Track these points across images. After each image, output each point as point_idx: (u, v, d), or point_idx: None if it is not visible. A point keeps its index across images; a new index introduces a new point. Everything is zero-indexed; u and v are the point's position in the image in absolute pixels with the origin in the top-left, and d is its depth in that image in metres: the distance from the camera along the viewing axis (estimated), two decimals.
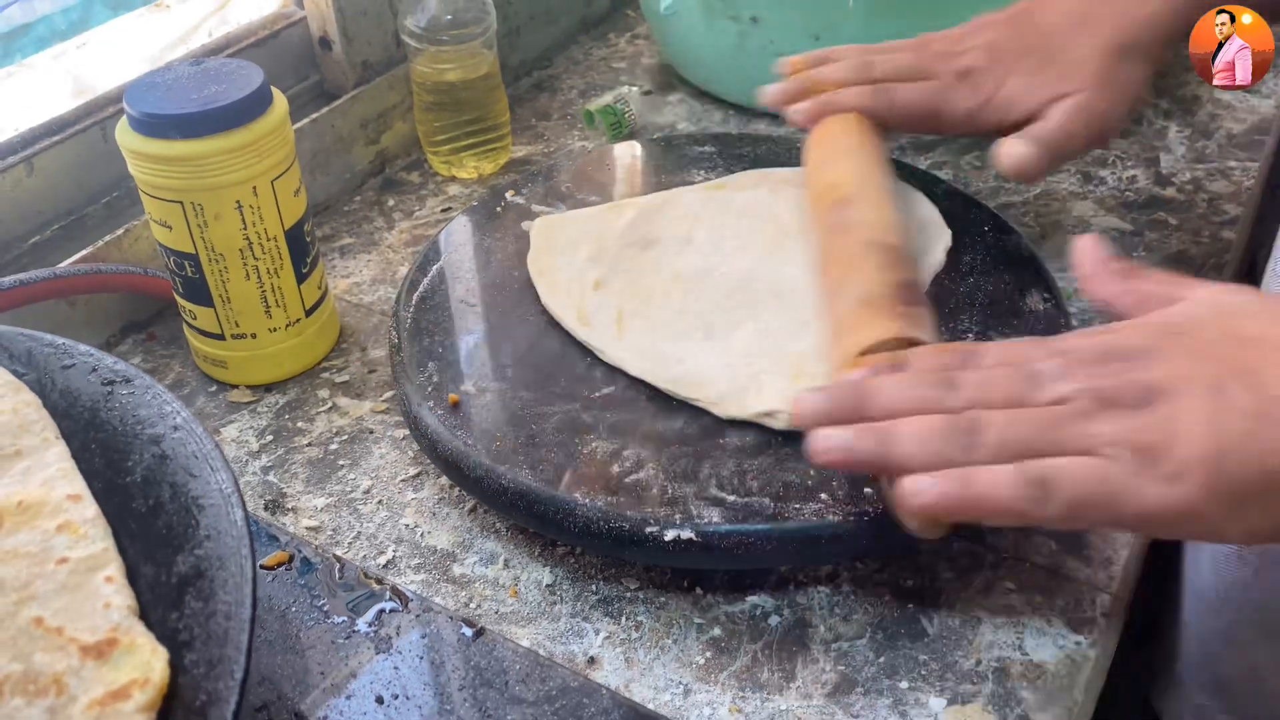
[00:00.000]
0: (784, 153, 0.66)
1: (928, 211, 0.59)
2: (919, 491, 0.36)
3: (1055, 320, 0.52)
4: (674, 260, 0.56)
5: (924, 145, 0.72)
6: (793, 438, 0.46)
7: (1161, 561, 0.55)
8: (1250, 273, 0.77)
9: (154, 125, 0.49)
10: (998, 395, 0.38)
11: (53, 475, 0.34)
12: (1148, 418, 0.35)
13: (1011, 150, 0.55)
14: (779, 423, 0.46)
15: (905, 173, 0.63)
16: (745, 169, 0.65)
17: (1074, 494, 0.35)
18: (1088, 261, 0.43)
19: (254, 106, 0.50)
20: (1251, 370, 0.35)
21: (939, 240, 0.57)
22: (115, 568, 0.31)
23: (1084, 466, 0.35)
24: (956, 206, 0.60)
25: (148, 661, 0.28)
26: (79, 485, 0.34)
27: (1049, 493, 0.35)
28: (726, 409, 0.47)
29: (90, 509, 0.33)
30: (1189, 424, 0.34)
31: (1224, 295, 0.39)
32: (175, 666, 0.29)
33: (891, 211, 0.52)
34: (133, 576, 0.32)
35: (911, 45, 0.59)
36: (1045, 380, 0.37)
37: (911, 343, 0.43)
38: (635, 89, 0.79)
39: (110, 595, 0.30)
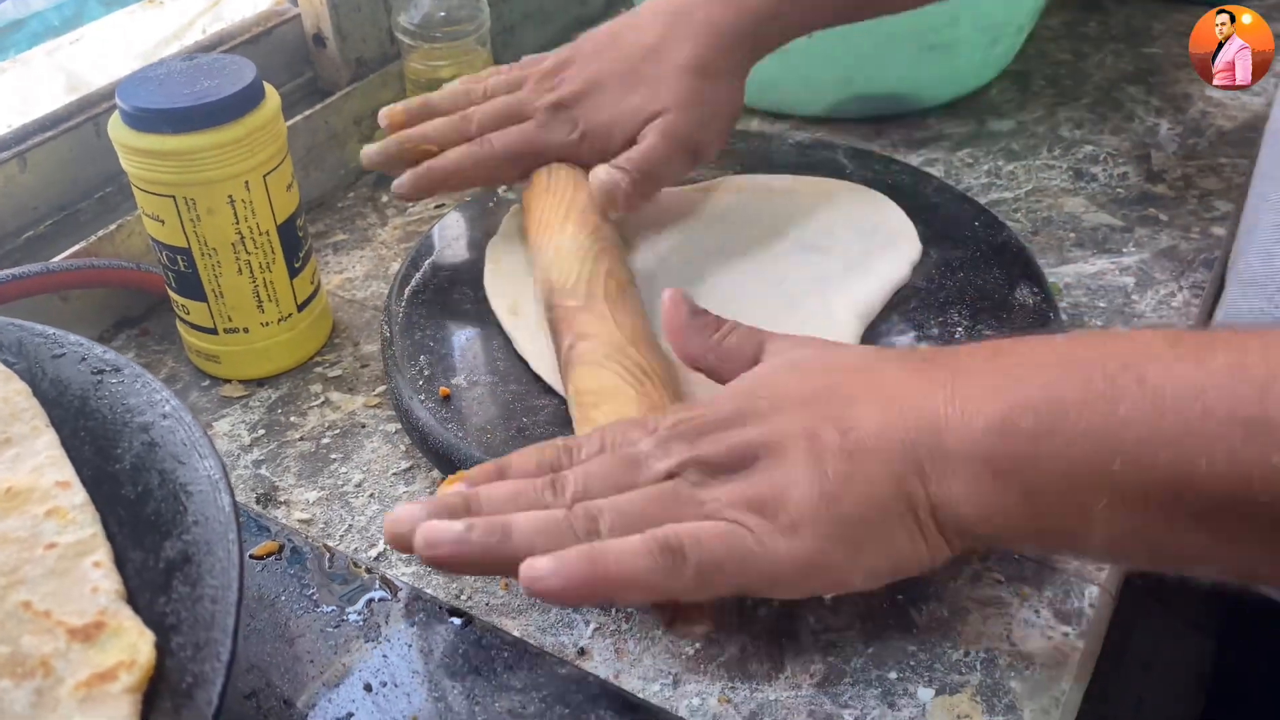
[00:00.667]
0: (777, 149, 0.67)
1: (898, 223, 0.58)
2: (542, 575, 0.33)
3: (1044, 315, 0.52)
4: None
5: (915, 142, 0.73)
6: None
7: None
8: None
9: (146, 120, 0.49)
10: (604, 485, 0.36)
11: (42, 462, 0.34)
12: (756, 478, 0.35)
13: (596, 177, 0.53)
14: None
15: (896, 168, 0.64)
16: (735, 166, 0.65)
17: (706, 560, 0.34)
18: (672, 319, 0.43)
19: (246, 101, 0.50)
20: (834, 414, 0.35)
21: (905, 254, 0.56)
22: (103, 553, 0.31)
23: (712, 531, 0.34)
24: (947, 202, 0.61)
25: (134, 644, 0.28)
26: (68, 472, 0.34)
27: (681, 560, 0.34)
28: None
29: (79, 495, 0.33)
30: (796, 477, 0.35)
31: (793, 351, 0.40)
32: (162, 649, 0.29)
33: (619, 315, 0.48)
34: (121, 562, 0.32)
35: (513, 82, 0.57)
36: (646, 461, 0.37)
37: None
38: None
39: (98, 580, 0.30)
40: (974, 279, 0.55)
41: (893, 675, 0.41)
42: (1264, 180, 0.52)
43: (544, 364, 0.50)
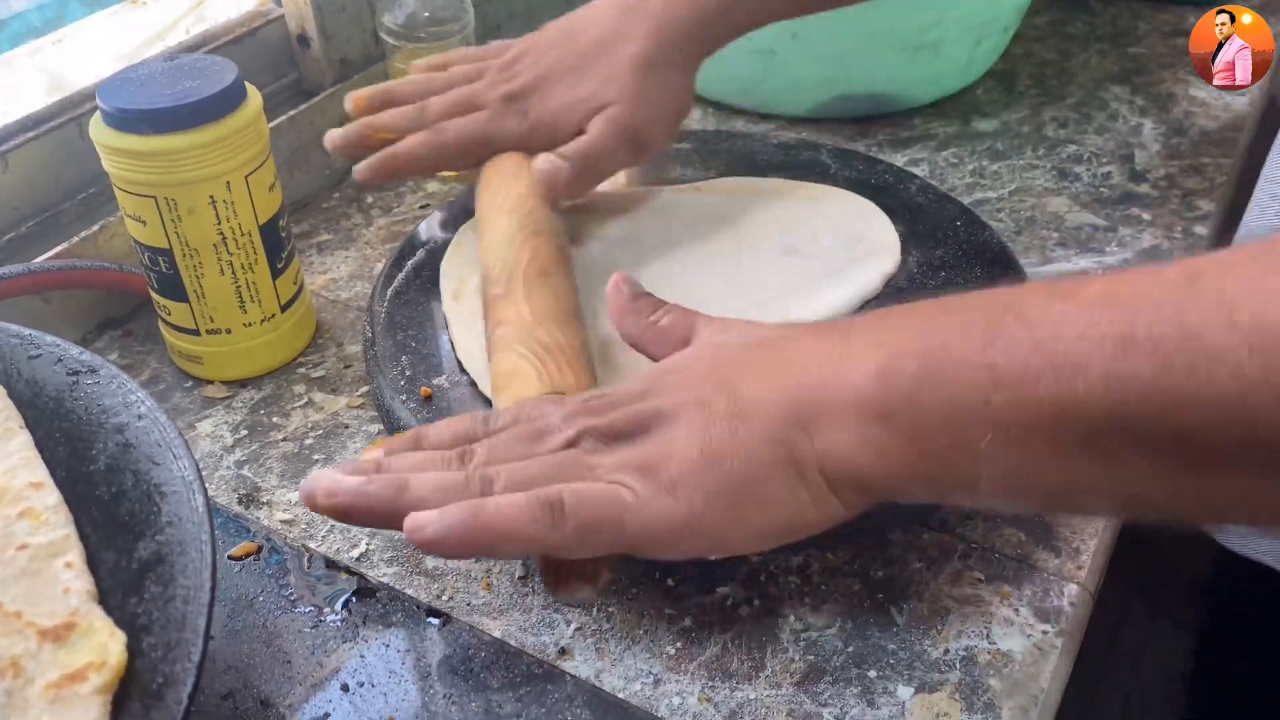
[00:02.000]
0: (761, 150, 0.67)
1: (881, 232, 0.58)
2: (423, 524, 0.34)
3: None
4: (583, 253, 0.56)
5: (900, 142, 0.73)
6: None
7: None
8: None
9: (127, 120, 0.49)
10: (508, 455, 0.38)
11: (15, 463, 0.34)
12: (646, 443, 0.36)
13: (539, 165, 0.54)
14: None
15: (880, 168, 0.64)
16: (722, 165, 0.65)
17: (585, 515, 0.35)
18: (614, 301, 0.45)
19: (227, 101, 0.50)
20: (727, 384, 0.36)
21: (881, 266, 0.56)
22: (75, 554, 0.31)
23: (594, 487, 0.35)
24: (931, 202, 0.61)
25: (105, 645, 0.28)
26: (41, 473, 0.34)
27: (560, 516, 0.35)
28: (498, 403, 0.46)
29: (52, 496, 0.33)
30: (681, 440, 0.35)
31: (720, 334, 0.41)
32: (133, 650, 0.29)
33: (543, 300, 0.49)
34: (94, 563, 0.32)
35: (471, 73, 0.59)
36: (551, 432, 0.38)
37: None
38: None
39: (70, 580, 0.30)
40: (956, 279, 0.55)
41: (872, 674, 0.41)
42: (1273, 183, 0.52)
43: (467, 350, 0.51)
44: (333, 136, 0.58)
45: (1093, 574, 0.45)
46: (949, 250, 0.57)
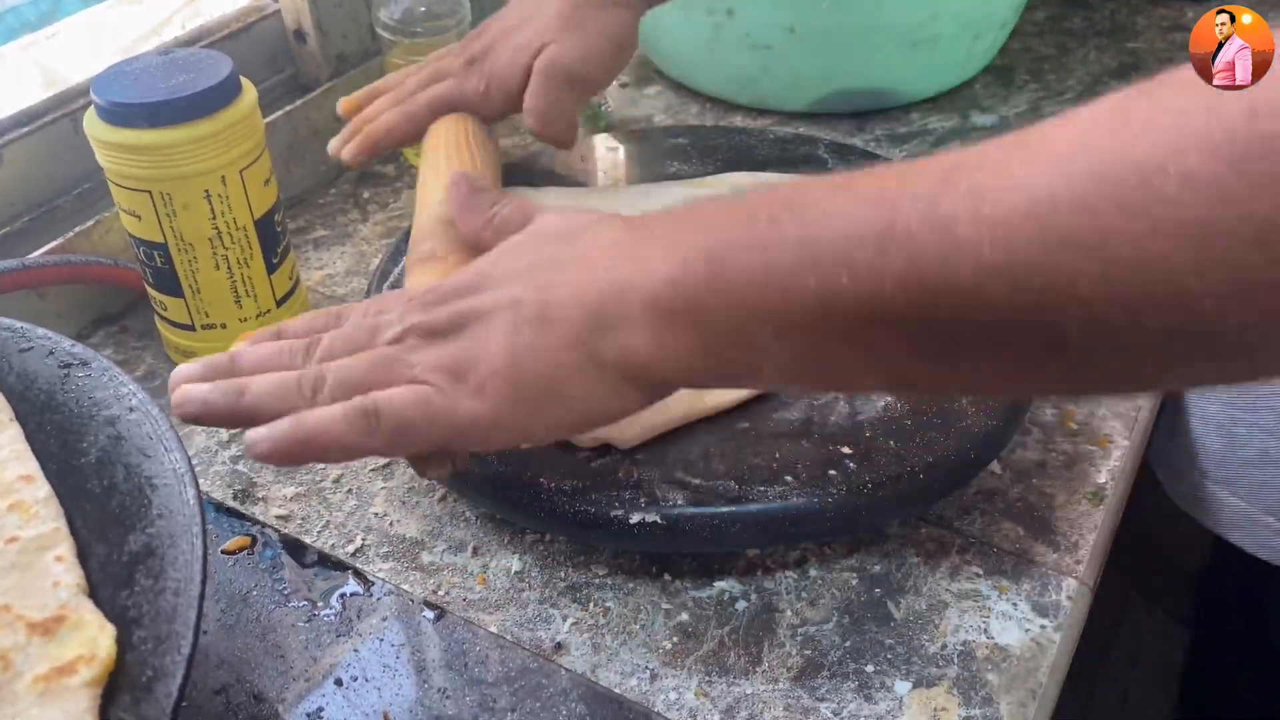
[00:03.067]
0: (759, 145, 0.66)
1: None
2: (255, 441, 0.37)
3: None
4: None
5: (898, 137, 0.73)
6: (758, 421, 0.46)
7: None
8: None
9: (121, 114, 0.49)
10: (346, 348, 0.40)
11: (5, 457, 0.34)
12: (460, 343, 0.38)
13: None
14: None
15: (878, 164, 0.64)
16: (719, 161, 0.65)
17: (397, 420, 0.37)
18: (453, 198, 0.46)
19: (222, 95, 0.50)
20: (541, 283, 0.37)
21: None
22: (65, 547, 0.31)
23: (404, 394, 0.37)
24: None
25: (94, 638, 0.28)
26: (31, 466, 0.34)
27: (375, 423, 0.36)
28: None
29: (43, 489, 0.33)
30: (490, 342, 0.37)
31: (553, 222, 0.41)
32: (123, 643, 0.29)
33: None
34: (85, 556, 0.31)
35: (448, 51, 0.63)
36: (385, 327, 0.39)
37: None
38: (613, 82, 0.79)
39: (59, 574, 0.30)
40: None
41: (869, 668, 0.40)
42: None
43: None
44: (333, 145, 0.61)
45: (1091, 569, 0.44)
46: None
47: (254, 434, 0.36)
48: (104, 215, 0.58)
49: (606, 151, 0.68)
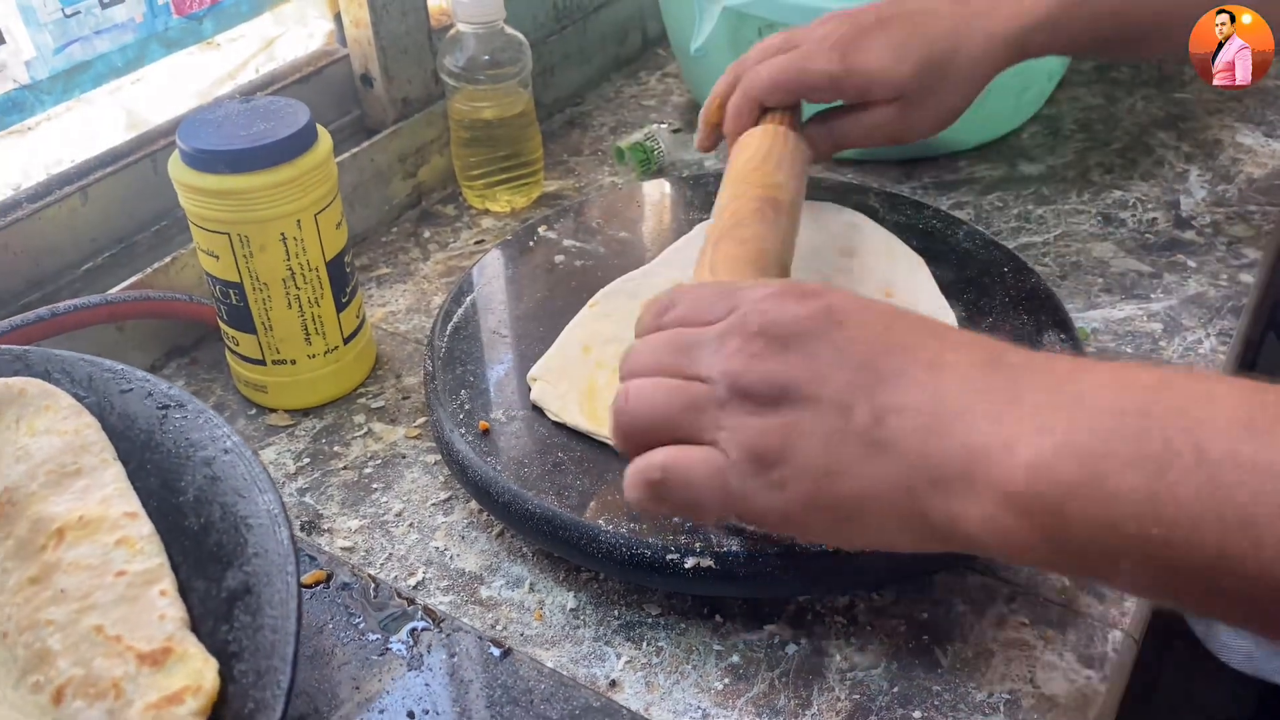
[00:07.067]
0: (812, 194, 0.68)
1: (925, 287, 0.59)
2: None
3: None
4: None
5: (946, 185, 0.74)
6: None
7: None
8: (1271, 318, 0.78)
9: (205, 160, 0.51)
10: (659, 360, 0.39)
11: (110, 494, 0.36)
12: (771, 419, 0.35)
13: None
14: None
15: (927, 213, 0.65)
16: None
17: (683, 495, 0.37)
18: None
19: (300, 143, 0.52)
20: (886, 405, 0.34)
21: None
22: (169, 582, 0.33)
23: (700, 470, 0.36)
24: (977, 247, 0.62)
25: (199, 670, 0.30)
26: (134, 503, 0.36)
27: (662, 491, 0.37)
28: None
29: (146, 526, 0.35)
30: (809, 443, 0.35)
31: (893, 317, 0.38)
32: (225, 676, 0.30)
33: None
34: (185, 590, 0.33)
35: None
36: (701, 352, 0.38)
37: None
38: (664, 126, 0.81)
39: (165, 607, 0.32)
40: (1002, 324, 0.56)
41: (917, 714, 0.42)
42: None
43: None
44: (700, 144, 0.62)
45: (1137, 621, 0.45)
46: (995, 296, 0.58)
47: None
48: (180, 252, 0.61)
49: (660, 196, 0.70)
